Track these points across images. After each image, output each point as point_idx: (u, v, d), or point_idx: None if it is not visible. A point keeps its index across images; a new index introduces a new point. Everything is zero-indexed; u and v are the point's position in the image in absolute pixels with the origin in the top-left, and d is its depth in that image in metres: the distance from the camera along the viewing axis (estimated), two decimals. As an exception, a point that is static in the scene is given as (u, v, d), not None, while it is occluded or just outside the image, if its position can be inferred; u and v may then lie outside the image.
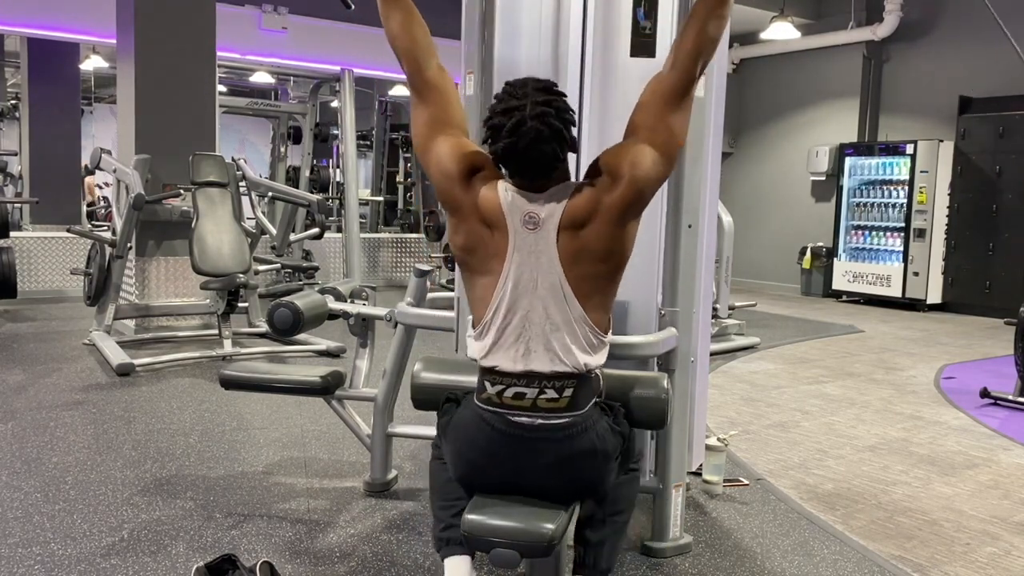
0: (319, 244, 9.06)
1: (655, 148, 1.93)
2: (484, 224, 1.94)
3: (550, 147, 1.87)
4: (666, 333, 2.61)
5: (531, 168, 1.90)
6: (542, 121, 1.85)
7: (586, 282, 1.91)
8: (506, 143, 1.86)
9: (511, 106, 1.88)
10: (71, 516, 2.89)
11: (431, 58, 2.08)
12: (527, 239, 1.90)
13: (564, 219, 1.89)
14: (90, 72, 11.87)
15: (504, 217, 1.91)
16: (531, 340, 1.90)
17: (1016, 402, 4.98)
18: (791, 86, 11.15)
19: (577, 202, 1.90)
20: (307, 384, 3.13)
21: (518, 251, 1.91)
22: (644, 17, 2.55)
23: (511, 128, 1.85)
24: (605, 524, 2.08)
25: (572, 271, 1.90)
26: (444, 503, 2.08)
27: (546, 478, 1.92)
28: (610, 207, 1.89)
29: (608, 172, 1.92)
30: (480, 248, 1.96)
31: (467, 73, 2.78)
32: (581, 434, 1.91)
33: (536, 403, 1.90)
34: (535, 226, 1.90)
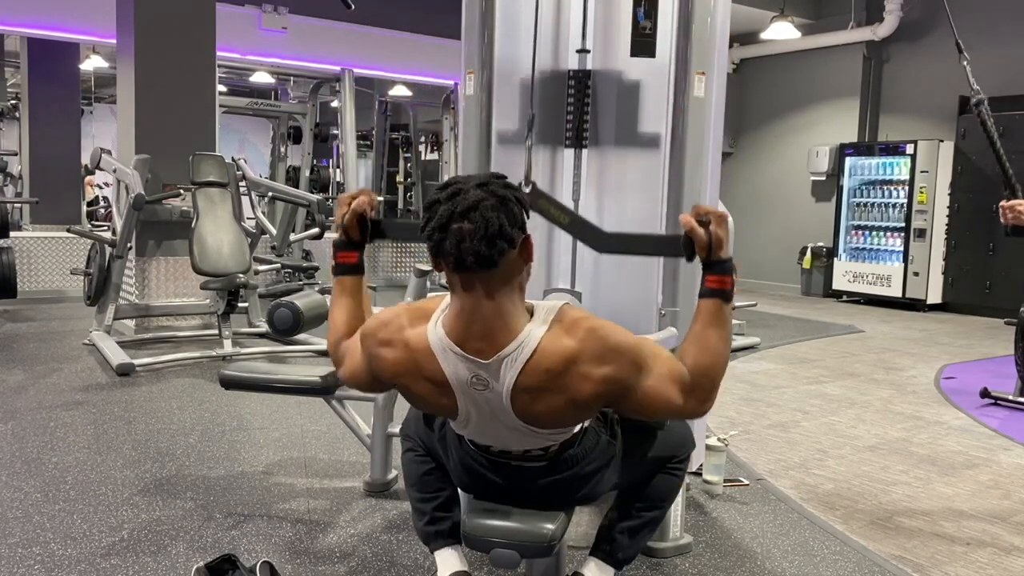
0: (319, 244, 9.06)
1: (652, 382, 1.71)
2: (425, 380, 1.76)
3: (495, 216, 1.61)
4: (666, 333, 2.60)
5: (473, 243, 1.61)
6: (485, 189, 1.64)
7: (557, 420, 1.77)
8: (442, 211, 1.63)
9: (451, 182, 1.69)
10: (71, 516, 2.88)
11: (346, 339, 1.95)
12: (477, 397, 1.73)
13: (520, 383, 1.68)
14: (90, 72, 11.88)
15: (442, 372, 1.72)
16: (506, 443, 1.85)
17: (1016, 402, 4.97)
18: (791, 86, 11.15)
19: (537, 365, 1.66)
20: (307, 384, 3.13)
21: (471, 405, 1.76)
22: (644, 17, 2.55)
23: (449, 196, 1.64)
24: (633, 516, 2.09)
25: (537, 419, 1.75)
26: (425, 495, 2.08)
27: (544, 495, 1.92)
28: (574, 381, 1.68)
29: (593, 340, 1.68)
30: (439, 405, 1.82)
31: (467, 73, 2.77)
32: (574, 466, 1.89)
33: (524, 456, 1.88)
34: (485, 387, 1.71)
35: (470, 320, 1.69)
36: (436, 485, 2.09)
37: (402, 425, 2.25)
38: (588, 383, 1.68)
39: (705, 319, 1.76)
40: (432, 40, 9.78)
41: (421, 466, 2.12)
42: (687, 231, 1.75)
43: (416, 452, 2.15)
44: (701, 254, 1.76)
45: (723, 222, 1.74)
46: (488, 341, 1.68)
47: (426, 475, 2.11)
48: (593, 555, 2.10)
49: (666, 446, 2.11)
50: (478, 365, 1.69)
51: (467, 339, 1.69)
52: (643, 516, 2.10)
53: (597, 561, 2.09)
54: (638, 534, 2.10)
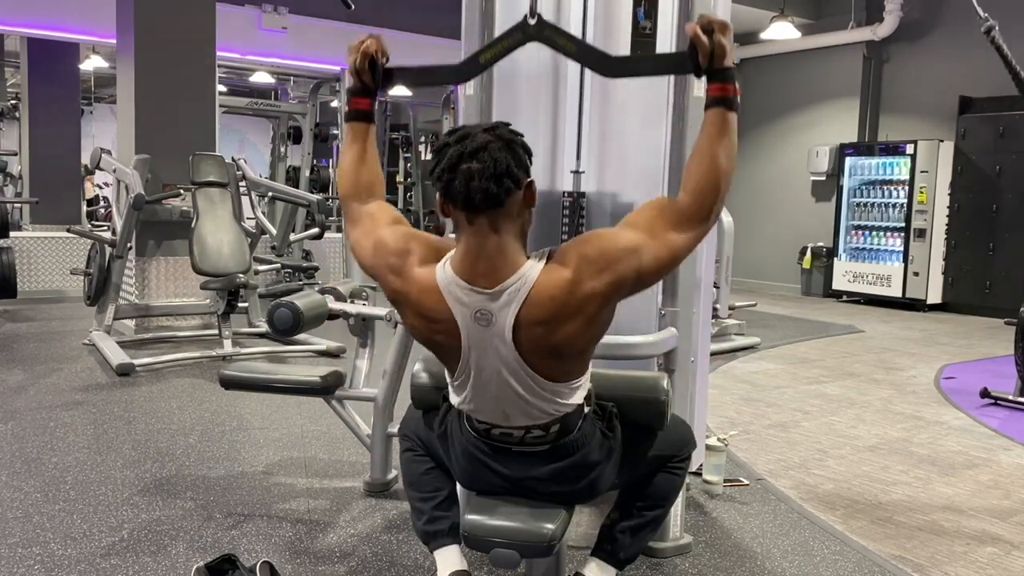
0: (319, 244, 9.06)
1: (648, 252, 1.75)
2: (428, 319, 1.81)
3: (502, 156, 1.70)
4: (666, 333, 2.61)
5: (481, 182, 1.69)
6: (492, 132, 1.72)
7: (556, 366, 1.80)
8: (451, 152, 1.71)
9: (458, 127, 1.77)
10: (71, 516, 2.89)
11: (370, 196, 2.00)
12: (482, 334, 1.77)
13: (523, 316, 1.73)
14: (90, 72, 11.87)
15: (449, 310, 1.77)
16: (507, 408, 1.85)
17: (1016, 402, 4.97)
18: (791, 86, 11.15)
19: (539, 299, 1.72)
20: (307, 384, 3.13)
21: (474, 347, 1.79)
22: (644, 17, 2.55)
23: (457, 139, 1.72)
24: (634, 515, 2.10)
25: (538, 362, 1.78)
26: (424, 495, 2.09)
27: (543, 486, 1.93)
28: (581, 304, 1.72)
29: (586, 261, 1.73)
30: (431, 342, 1.87)
31: (467, 73, 2.77)
32: (573, 453, 1.90)
33: (524, 440, 1.89)
34: (488, 323, 1.75)
35: (476, 257, 1.75)
36: (435, 484, 2.09)
37: (400, 425, 2.25)
38: (595, 299, 1.73)
39: (709, 131, 1.81)
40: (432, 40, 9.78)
41: (420, 465, 2.13)
42: (691, 39, 1.77)
43: (415, 452, 2.15)
44: (704, 62, 1.78)
45: (726, 30, 1.77)
46: (492, 276, 1.74)
47: (425, 474, 2.11)
48: (594, 555, 2.10)
49: (667, 445, 2.12)
50: (483, 297, 1.74)
51: (473, 275, 1.75)
52: (645, 516, 2.10)
53: (598, 561, 2.09)
54: (639, 534, 2.10)
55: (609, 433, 1.97)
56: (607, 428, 1.97)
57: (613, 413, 2.00)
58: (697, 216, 1.79)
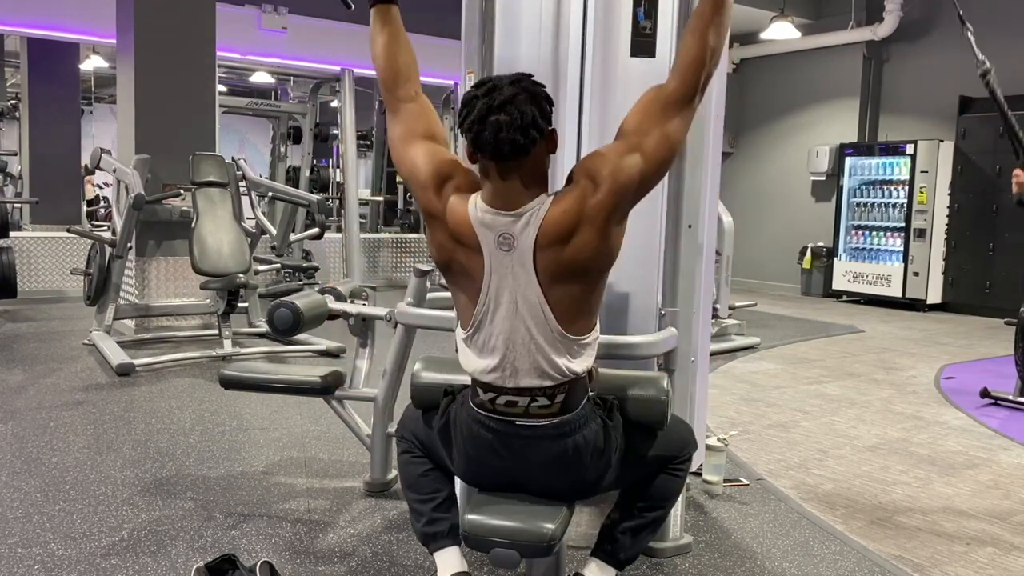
0: (319, 244, 9.06)
1: (643, 153, 1.86)
2: (455, 240, 1.90)
3: (528, 108, 1.81)
4: (666, 333, 2.61)
5: (509, 132, 1.80)
6: (517, 85, 1.83)
7: (567, 298, 1.87)
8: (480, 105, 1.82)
9: (484, 80, 1.87)
10: (71, 516, 2.89)
11: (408, 82, 2.07)
12: (503, 260, 1.85)
13: (541, 237, 1.83)
14: (90, 72, 11.88)
15: (476, 236, 1.86)
16: (516, 359, 1.89)
17: (1016, 402, 4.97)
18: (791, 86, 11.15)
19: (554, 216, 1.83)
20: (307, 384, 3.13)
21: (495, 272, 1.87)
22: (644, 17, 2.55)
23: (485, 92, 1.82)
24: (635, 516, 2.10)
25: (552, 290, 1.86)
26: (423, 496, 2.09)
27: (545, 475, 1.93)
28: (591, 215, 1.83)
29: (589, 177, 1.85)
30: (454, 264, 1.93)
31: (467, 73, 2.78)
32: (575, 432, 1.91)
33: (528, 410, 1.90)
34: (510, 247, 1.84)
35: (503, 194, 1.86)
36: (434, 486, 2.09)
37: (398, 426, 2.25)
38: (604, 208, 1.83)
39: (703, 8, 1.91)
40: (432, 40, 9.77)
41: (418, 467, 2.12)
42: None
43: (413, 453, 2.15)
44: None
45: None
46: (515, 204, 1.85)
47: (423, 476, 2.11)
48: (594, 555, 2.10)
49: (668, 446, 2.12)
50: (506, 219, 1.84)
51: (499, 205, 1.86)
52: (645, 516, 2.10)
53: (599, 562, 2.09)
54: (640, 534, 2.11)
55: (609, 422, 1.98)
56: (607, 416, 1.98)
57: (614, 404, 2.02)
58: (684, 96, 1.90)
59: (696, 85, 1.90)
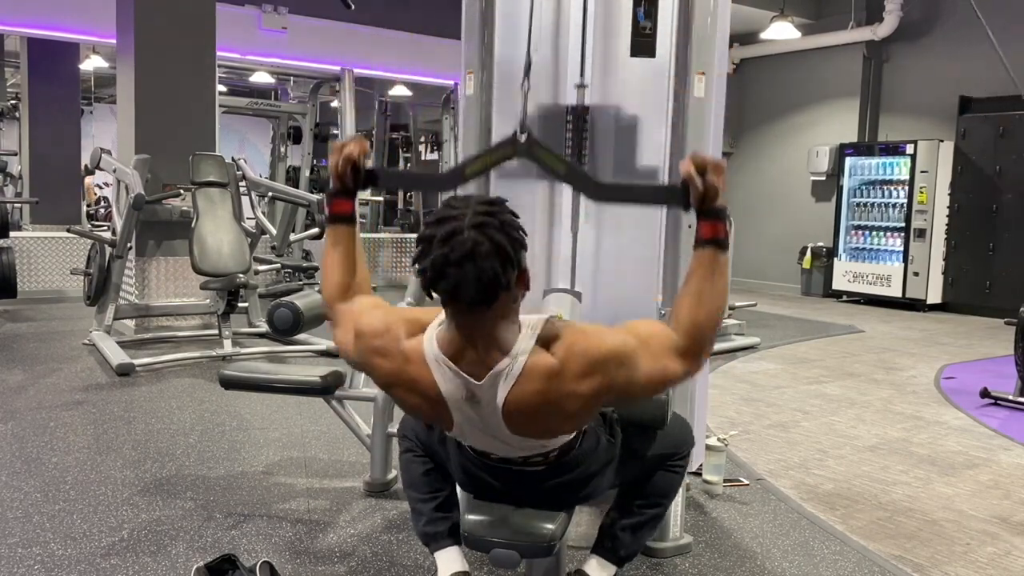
0: (319, 244, 9.02)
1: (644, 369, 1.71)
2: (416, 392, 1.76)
3: (490, 264, 1.58)
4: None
5: (467, 290, 1.59)
6: (481, 231, 1.58)
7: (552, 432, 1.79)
8: (436, 256, 1.59)
9: (447, 215, 1.62)
10: (71, 516, 2.88)
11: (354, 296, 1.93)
12: (471, 413, 1.75)
13: (508, 404, 1.69)
14: (90, 72, 11.88)
15: (435, 384, 1.72)
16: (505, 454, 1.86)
17: (1016, 402, 4.97)
18: (791, 86, 11.15)
19: (524, 389, 1.67)
20: (307, 384, 3.13)
21: (465, 422, 1.78)
22: (644, 17, 2.55)
23: (444, 237, 1.59)
24: (634, 513, 2.10)
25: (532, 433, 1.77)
26: (424, 495, 2.09)
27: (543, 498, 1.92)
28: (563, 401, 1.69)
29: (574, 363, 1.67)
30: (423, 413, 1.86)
31: (467, 73, 2.77)
32: (575, 468, 1.90)
33: (526, 462, 1.88)
34: (478, 402, 1.72)
35: (464, 342, 1.69)
36: (435, 485, 2.09)
37: (399, 425, 2.25)
38: (576, 399, 1.69)
39: (700, 272, 1.77)
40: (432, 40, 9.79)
41: (420, 466, 2.12)
42: (684, 179, 1.75)
43: (414, 452, 2.15)
44: (695, 203, 1.76)
45: (720, 171, 1.75)
46: (481, 361, 1.69)
47: (424, 475, 2.11)
48: (595, 552, 2.11)
49: (666, 444, 2.12)
50: (471, 384, 1.70)
51: (461, 357, 1.70)
52: (645, 513, 2.11)
53: (599, 559, 2.09)
54: (639, 531, 2.11)
55: (611, 439, 1.97)
56: (609, 435, 1.97)
57: (614, 419, 2.00)
58: (692, 352, 1.75)
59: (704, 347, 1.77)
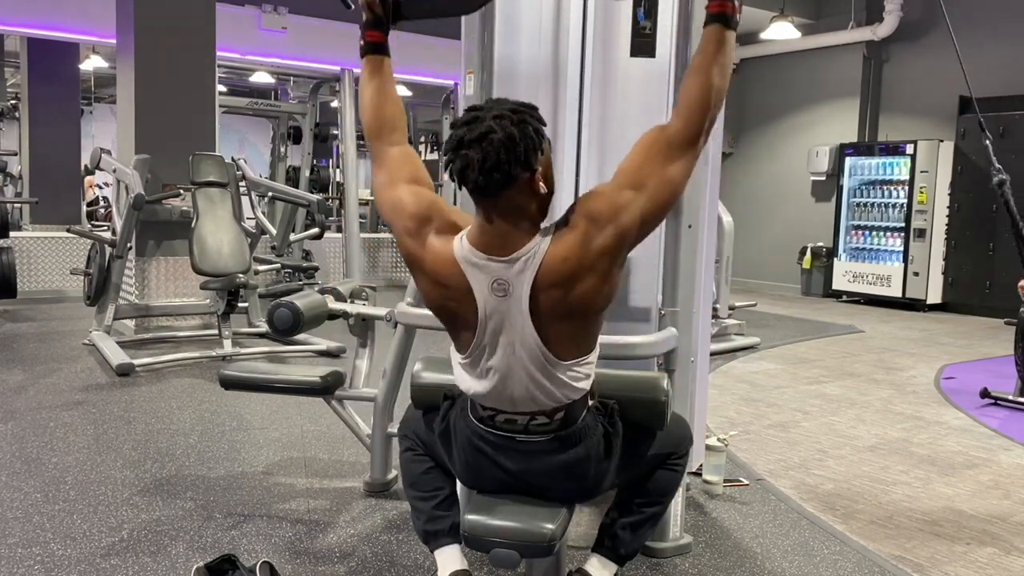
0: (319, 244, 9.05)
1: (645, 196, 1.79)
2: (442, 285, 1.84)
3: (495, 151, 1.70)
4: (666, 333, 2.61)
5: (472, 173, 1.71)
6: (498, 121, 1.71)
7: (567, 336, 1.83)
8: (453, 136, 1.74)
9: (471, 118, 1.75)
10: (71, 516, 2.89)
11: (393, 132, 2.05)
12: (498, 306, 1.80)
13: (538, 283, 1.77)
14: (90, 72, 11.88)
15: (465, 278, 1.80)
16: (514, 393, 1.87)
17: (1016, 402, 4.97)
18: (791, 86, 11.15)
19: (552, 263, 1.76)
20: (307, 384, 3.13)
21: (490, 318, 1.81)
22: (644, 17, 2.55)
23: (465, 121, 1.74)
24: (634, 512, 2.11)
25: (551, 333, 1.81)
26: (424, 494, 2.09)
27: (545, 483, 1.93)
28: (592, 261, 1.76)
29: (589, 220, 1.77)
30: (444, 310, 1.89)
31: (467, 73, 2.78)
32: (576, 444, 1.91)
33: (528, 427, 1.90)
34: (505, 292, 1.78)
35: (489, 232, 1.79)
36: (435, 484, 2.09)
37: (400, 425, 2.25)
38: (606, 254, 1.77)
39: (706, 48, 1.87)
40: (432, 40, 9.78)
41: (420, 465, 2.13)
42: None
43: (415, 452, 2.15)
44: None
45: None
46: (506, 247, 1.78)
47: (425, 474, 2.11)
48: (595, 551, 2.11)
49: (666, 443, 2.13)
50: (499, 265, 1.77)
51: (488, 247, 1.79)
52: (644, 512, 2.11)
53: (599, 557, 2.10)
54: (640, 530, 2.12)
55: (611, 429, 1.98)
56: (609, 424, 1.98)
57: (615, 409, 2.01)
58: (688, 139, 1.83)
59: (700, 128, 1.84)
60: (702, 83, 1.84)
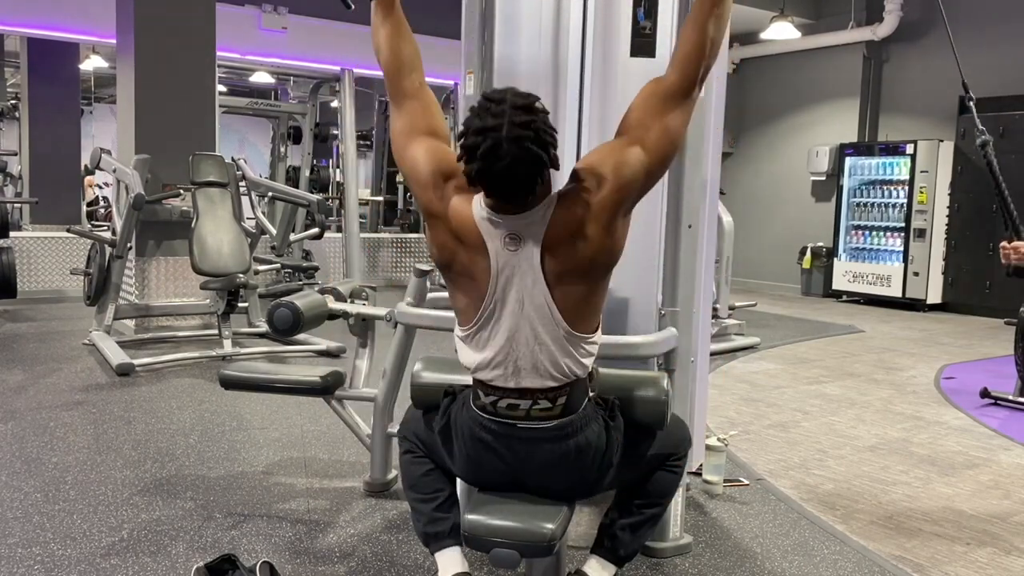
0: (319, 244, 9.05)
1: (645, 148, 1.86)
2: (458, 239, 1.87)
3: (527, 171, 1.75)
4: (666, 333, 2.61)
5: (507, 192, 1.79)
6: (519, 146, 1.72)
7: (574, 297, 1.86)
8: (479, 166, 1.75)
9: (487, 125, 1.74)
10: (71, 516, 2.88)
11: (412, 72, 2.05)
12: (510, 259, 1.84)
13: (548, 236, 1.82)
14: (90, 72, 11.88)
15: (480, 235, 1.84)
16: (519, 359, 1.88)
17: (1016, 402, 4.97)
18: (791, 86, 11.14)
19: (560, 216, 1.82)
20: (307, 384, 3.13)
21: (501, 272, 1.85)
22: (644, 17, 2.55)
23: (485, 152, 1.73)
24: (633, 513, 2.12)
25: (559, 289, 1.85)
26: (424, 496, 2.09)
27: (546, 475, 1.93)
28: (597, 213, 1.82)
29: (592, 175, 1.85)
30: (456, 264, 1.91)
31: (467, 73, 2.78)
32: (576, 433, 1.91)
33: (530, 412, 1.90)
34: (517, 246, 1.83)
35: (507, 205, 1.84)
36: (435, 486, 2.09)
37: (400, 427, 2.25)
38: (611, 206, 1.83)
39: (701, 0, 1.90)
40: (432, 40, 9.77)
41: (420, 467, 2.13)
42: None
43: (415, 453, 2.15)
44: None
45: None
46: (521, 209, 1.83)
47: (425, 476, 2.11)
48: (594, 553, 2.11)
49: (665, 444, 2.13)
50: (513, 218, 1.82)
51: (505, 208, 1.83)
52: (644, 513, 2.12)
53: (598, 559, 2.10)
54: (639, 531, 2.12)
55: (611, 422, 1.98)
56: (609, 416, 1.98)
57: (615, 404, 2.02)
58: (684, 89, 1.90)
59: (695, 77, 1.90)
60: (698, 33, 1.89)
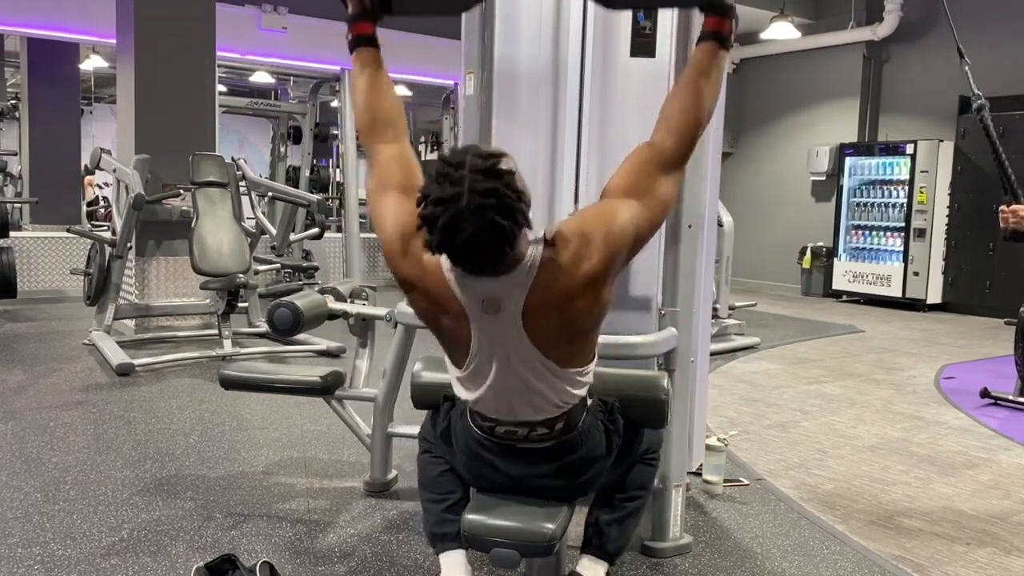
0: (319, 244, 9.06)
1: (639, 216, 1.78)
2: (436, 304, 1.79)
3: (491, 242, 1.60)
4: (666, 333, 2.61)
5: (472, 265, 1.67)
6: (481, 216, 1.57)
7: (566, 350, 1.80)
8: (439, 239, 1.61)
9: (445, 195, 1.58)
10: (71, 516, 2.88)
11: (387, 128, 1.98)
12: (490, 323, 1.75)
13: (529, 303, 1.72)
14: (90, 72, 11.87)
15: (457, 300, 1.74)
16: (513, 401, 1.85)
17: (1016, 402, 4.97)
18: (791, 86, 11.14)
19: (543, 281, 1.71)
20: (307, 384, 3.13)
21: (483, 335, 1.77)
22: (644, 17, 2.55)
23: (445, 224, 1.58)
24: (616, 508, 2.12)
25: (548, 347, 1.77)
26: (435, 496, 2.09)
27: (546, 482, 1.93)
28: (584, 283, 1.72)
29: (582, 241, 1.73)
30: (440, 326, 1.84)
31: (467, 73, 2.77)
32: (578, 448, 1.91)
33: (528, 437, 1.89)
34: (496, 310, 1.73)
35: None
36: (448, 487, 2.08)
37: (420, 429, 2.23)
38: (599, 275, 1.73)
39: (699, 65, 1.86)
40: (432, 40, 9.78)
41: (435, 467, 2.12)
42: None
43: (432, 454, 2.15)
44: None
45: None
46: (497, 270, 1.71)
47: (440, 476, 2.10)
48: (585, 552, 2.12)
49: (649, 440, 2.17)
50: (487, 283, 1.71)
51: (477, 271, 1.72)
52: (627, 507, 2.13)
53: (590, 557, 2.10)
54: (624, 524, 2.13)
55: (611, 426, 1.98)
56: (609, 421, 1.98)
57: (615, 407, 2.01)
58: (680, 156, 1.86)
59: (692, 147, 1.86)
60: (696, 102, 1.84)
